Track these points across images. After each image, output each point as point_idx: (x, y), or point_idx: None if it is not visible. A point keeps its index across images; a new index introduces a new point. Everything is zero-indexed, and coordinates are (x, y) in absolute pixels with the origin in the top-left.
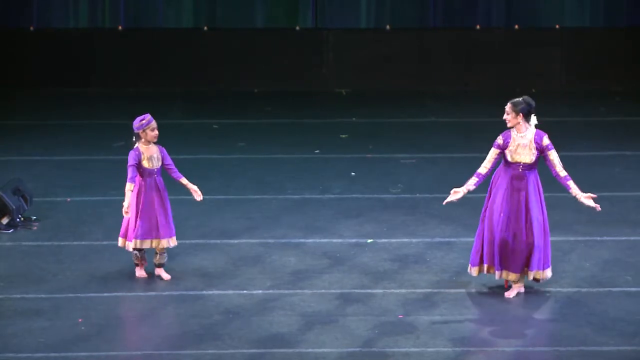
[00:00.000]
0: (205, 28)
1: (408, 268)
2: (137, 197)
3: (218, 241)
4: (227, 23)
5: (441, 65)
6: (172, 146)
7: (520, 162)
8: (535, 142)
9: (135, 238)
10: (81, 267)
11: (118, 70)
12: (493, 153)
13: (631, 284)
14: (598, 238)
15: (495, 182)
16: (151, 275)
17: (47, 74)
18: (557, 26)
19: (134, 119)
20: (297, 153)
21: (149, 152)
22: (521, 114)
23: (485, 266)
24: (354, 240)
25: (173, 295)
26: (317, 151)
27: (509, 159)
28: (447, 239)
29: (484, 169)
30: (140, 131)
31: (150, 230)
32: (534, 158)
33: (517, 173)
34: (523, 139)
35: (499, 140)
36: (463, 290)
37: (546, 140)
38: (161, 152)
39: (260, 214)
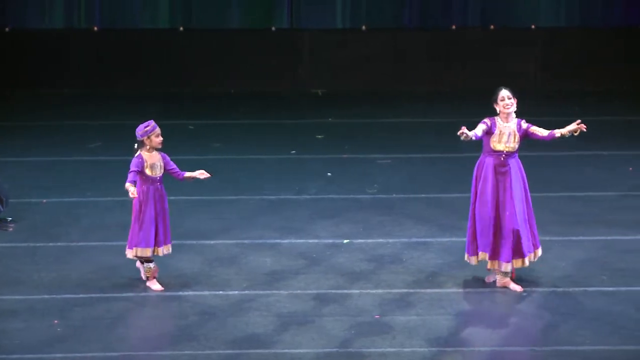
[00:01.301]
0: (181, 29)
1: (384, 268)
2: (139, 206)
3: (194, 242)
4: (203, 24)
5: (417, 66)
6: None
7: (503, 151)
8: (518, 130)
9: (137, 246)
10: (57, 268)
11: (93, 71)
12: (482, 126)
13: (606, 283)
14: (573, 238)
15: (480, 173)
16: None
17: (22, 75)
18: (532, 26)
19: (113, 118)
20: (273, 154)
21: (151, 160)
22: (516, 100)
23: (481, 254)
24: (330, 241)
25: (149, 296)
26: (293, 152)
27: (492, 146)
28: (423, 239)
29: (477, 131)
30: (145, 138)
31: (151, 238)
32: (516, 146)
33: (500, 161)
34: (507, 128)
35: (487, 121)
36: (439, 290)
37: (524, 123)
38: (164, 158)
39: (236, 214)
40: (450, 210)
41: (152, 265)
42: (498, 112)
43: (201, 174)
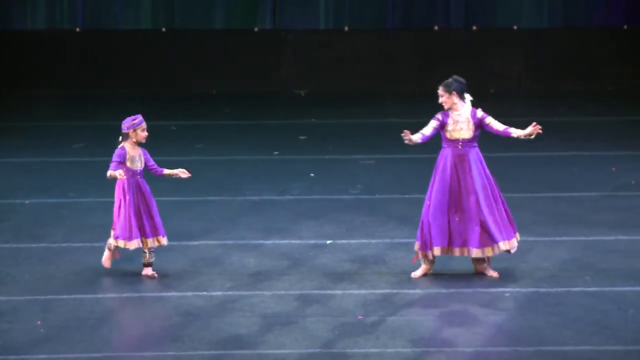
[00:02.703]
0: (164, 29)
1: (367, 269)
2: (122, 198)
3: (176, 243)
4: (186, 24)
5: (400, 66)
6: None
7: (459, 139)
8: (472, 118)
9: (119, 239)
10: (40, 269)
11: (76, 72)
12: (433, 123)
13: (590, 283)
14: (557, 238)
15: (439, 165)
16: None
17: (4, 76)
18: (515, 27)
19: (95, 119)
20: (255, 154)
21: (133, 153)
22: (455, 93)
23: (441, 248)
24: (313, 241)
25: (132, 297)
26: (276, 152)
27: (448, 136)
28: (406, 240)
29: (426, 130)
30: (131, 131)
31: (134, 231)
32: (472, 133)
33: (458, 151)
34: (460, 116)
35: (439, 115)
36: (422, 291)
37: (480, 112)
38: (144, 154)
39: (219, 215)
40: None
41: (147, 255)
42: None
43: (182, 172)
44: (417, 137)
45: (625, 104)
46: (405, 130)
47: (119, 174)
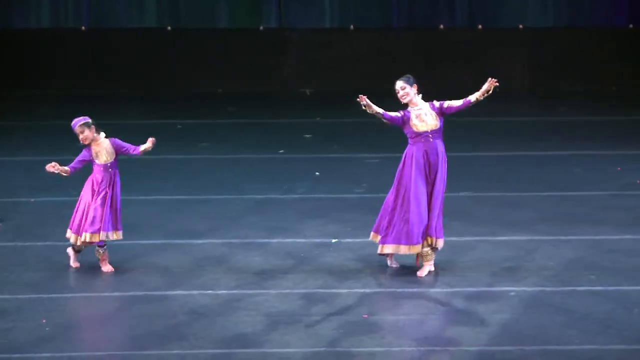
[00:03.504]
0: (169, 28)
1: (372, 268)
2: (91, 193)
3: (182, 241)
4: (191, 23)
5: (404, 65)
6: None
7: (428, 130)
8: (433, 109)
9: (85, 231)
10: (44, 267)
11: (81, 71)
12: (396, 113)
13: (595, 283)
14: (562, 237)
15: (409, 159)
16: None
17: (8, 75)
18: (520, 26)
19: (100, 117)
20: (260, 153)
21: (99, 147)
22: (415, 86)
23: (417, 246)
24: (318, 240)
25: (137, 295)
26: (281, 151)
27: (416, 130)
28: None
29: (389, 112)
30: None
31: (98, 224)
32: (439, 123)
33: (430, 144)
34: (421, 110)
35: (401, 112)
36: (427, 290)
37: (437, 102)
38: (113, 143)
39: (224, 214)
40: None
41: (102, 250)
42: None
43: (151, 141)
44: (378, 109)
45: (628, 103)
46: (361, 96)
47: (51, 165)
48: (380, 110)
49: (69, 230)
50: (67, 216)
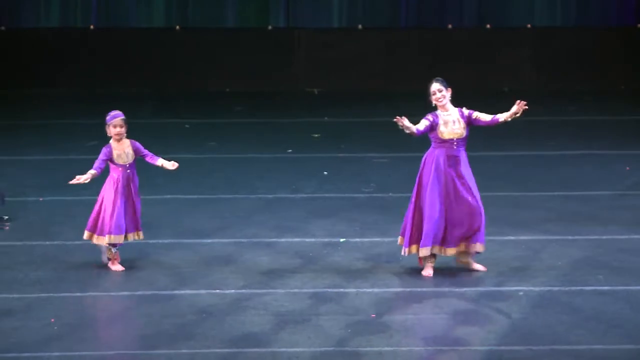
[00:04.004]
0: (177, 28)
1: (380, 267)
2: (114, 194)
3: (190, 241)
4: (199, 22)
5: (412, 65)
6: (144, 145)
7: (454, 138)
8: (462, 117)
9: (110, 234)
10: (53, 266)
11: (90, 70)
12: (424, 122)
13: (603, 282)
14: (570, 237)
15: (428, 164)
16: (126, 269)
17: (18, 74)
18: (528, 25)
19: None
20: (269, 152)
21: (119, 149)
22: (450, 90)
23: (431, 248)
24: (326, 240)
25: (146, 294)
26: (290, 150)
27: (441, 137)
28: None
29: (420, 126)
30: (106, 126)
31: (122, 225)
32: (464, 132)
33: (452, 151)
34: (450, 116)
35: (429, 116)
36: (435, 290)
37: (465, 110)
38: (133, 145)
39: (233, 213)
40: None
41: (114, 249)
42: (434, 105)
43: (172, 164)
44: (412, 127)
45: (637, 103)
46: (399, 118)
47: (77, 179)
48: (414, 129)
49: (86, 232)
50: (75, 215)
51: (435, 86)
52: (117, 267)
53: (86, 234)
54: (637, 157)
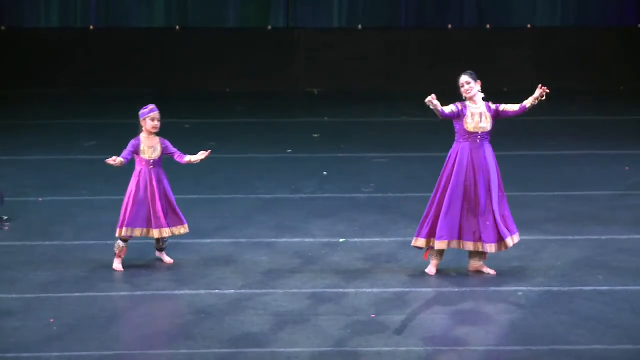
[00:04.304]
0: (177, 28)
1: (380, 267)
2: (135, 187)
3: (190, 241)
4: (199, 23)
5: (413, 65)
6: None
7: (479, 132)
8: (489, 110)
9: (126, 226)
10: (52, 267)
11: (89, 70)
12: (452, 107)
13: (602, 282)
14: (569, 237)
15: (453, 159)
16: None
17: (18, 74)
18: (528, 26)
19: (108, 117)
20: (268, 152)
21: (148, 143)
22: (479, 82)
23: (452, 241)
24: (325, 240)
25: (145, 295)
26: (289, 151)
27: (467, 128)
28: None
29: (446, 108)
30: (142, 120)
31: (142, 219)
32: (489, 127)
33: (476, 145)
34: (478, 109)
35: (458, 104)
36: (435, 290)
37: (492, 104)
38: (162, 143)
39: (232, 213)
40: None
41: (122, 244)
42: (464, 98)
43: (202, 154)
44: (439, 107)
45: (637, 103)
46: (433, 95)
47: (113, 159)
48: (440, 109)
49: (119, 229)
50: (75, 216)
51: (464, 78)
52: (119, 265)
53: (117, 231)
54: (637, 157)
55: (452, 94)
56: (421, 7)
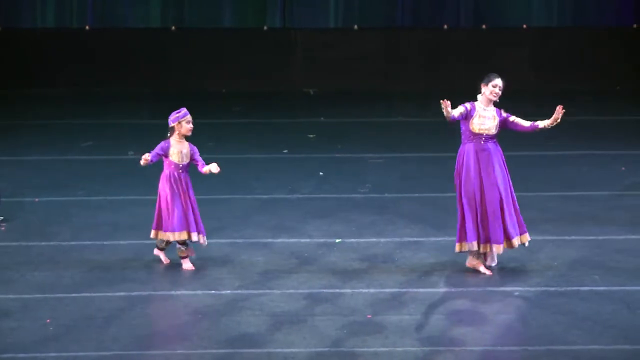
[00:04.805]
0: (173, 28)
1: (376, 268)
2: (170, 191)
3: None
4: (195, 23)
5: (409, 65)
6: (141, 147)
7: (483, 134)
8: (498, 115)
9: (173, 231)
10: (49, 267)
11: (86, 70)
12: (460, 108)
13: (599, 283)
14: (566, 237)
15: (462, 161)
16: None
17: (14, 75)
18: (524, 26)
19: (107, 117)
20: (265, 153)
21: (179, 147)
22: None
23: (471, 244)
24: (322, 240)
25: (142, 295)
26: (285, 151)
27: (472, 129)
28: (415, 239)
29: (455, 112)
30: (176, 124)
31: (183, 223)
32: (494, 130)
33: (481, 146)
34: (488, 112)
35: (467, 105)
36: (431, 290)
37: (504, 112)
38: (191, 149)
39: (229, 214)
40: (442, 210)
41: (183, 247)
42: (481, 93)
43: (216, 168)
44: (451, 112)
45: (633, 103)
46: (447, 101)
47: (144, 158)
48: (451, 114)
49: (152, 231)
50: (72, 216)
51: (498, 81)
52: (187, 265)
53: (152, 233)
54: (637, 157)
55: (447, 95)
56: (417, 6)
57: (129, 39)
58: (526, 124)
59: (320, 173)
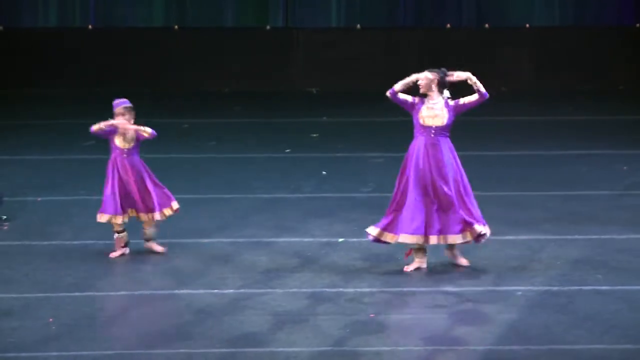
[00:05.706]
0: (176, 27)
1: (379, 267)
2: (112, 174)
3: (189, 240)
4: (198, 22)
5: (411, 64)
6: (143, 145)
7: (432, 126)
8: (446, 106)
9: (104, 213)
10: (51, 266)
11: (88, 69)
12: (407, 96)
13: (601, 282)
14: (568, 237)
15: (412, 155)
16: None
17: (15, 74)
18: (527, 25)
19: (108, 117)
20: (267, 152)
21: (124, 132)
22: (436, 79)
23: (416, 237)
24: (324, 240)
25: (144, 294)
26: (288, 150)
27: (422, 122)
28: None
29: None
30: (115, 110)
31: (126, 205)
32: (445, 121)
33: (431, 140)
34: (435, 105)
35: (416, 98)
36: (434, 289)
37: (451, 100)
38: (137, 133)
39: (231, 213)
40: None
41: (120, 235)
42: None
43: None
44: (398, 85)
45: (635, 103)
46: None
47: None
48: (396, 87)
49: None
50: (73, 215)
51: (423, 74)
52: (115, 253)
53: (100, 216)
54: (637, 157)
55: (452, 94)
56: (419, 6)
57: (131, 39)
58: (473, 97)
59: (323, 172)
